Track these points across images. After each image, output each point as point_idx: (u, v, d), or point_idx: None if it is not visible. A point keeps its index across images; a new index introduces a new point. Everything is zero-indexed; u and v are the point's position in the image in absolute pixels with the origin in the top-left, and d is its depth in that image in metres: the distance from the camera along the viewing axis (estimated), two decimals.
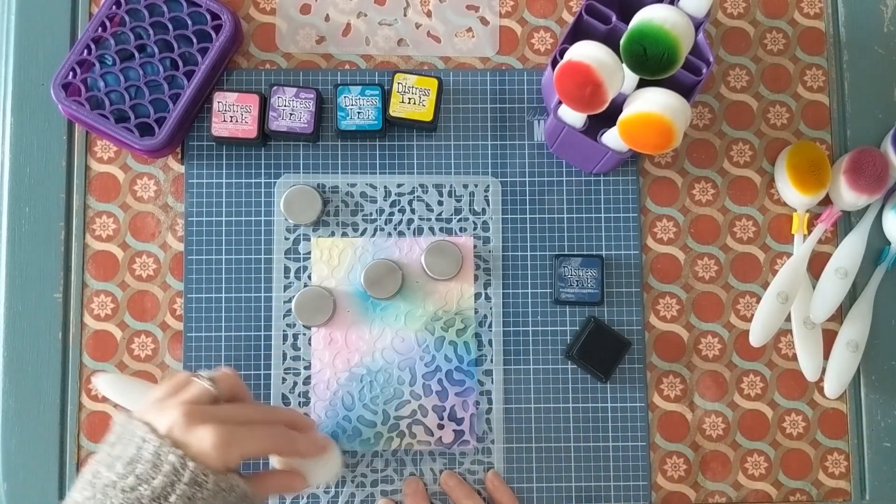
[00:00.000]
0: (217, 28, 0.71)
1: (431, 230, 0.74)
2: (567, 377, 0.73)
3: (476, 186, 0.75)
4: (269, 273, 0.73)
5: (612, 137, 0.66)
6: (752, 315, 0.74)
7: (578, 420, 0.73)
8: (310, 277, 0.73)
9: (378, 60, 0.76)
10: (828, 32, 0.78)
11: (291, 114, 0.72)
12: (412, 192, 0.74)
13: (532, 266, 0.74)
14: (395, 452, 0.72)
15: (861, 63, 0.77)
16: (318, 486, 0.71)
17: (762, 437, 0.74)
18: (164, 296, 0.73)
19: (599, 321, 0.72)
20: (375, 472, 0.72)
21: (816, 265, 0.75)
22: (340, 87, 0.72)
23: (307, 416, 0.66)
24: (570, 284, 0.73)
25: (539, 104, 0.76)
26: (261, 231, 0.74)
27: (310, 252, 0.73)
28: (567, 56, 0.60)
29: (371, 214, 0.74)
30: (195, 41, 0.72)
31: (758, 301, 0.74)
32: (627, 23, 0.61)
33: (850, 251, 0.74)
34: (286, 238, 0.74)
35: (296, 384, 0.72)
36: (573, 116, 0.68)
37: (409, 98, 0.72)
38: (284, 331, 0.73)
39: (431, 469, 0.72)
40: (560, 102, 0.67)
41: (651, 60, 0.59)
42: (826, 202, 0.75)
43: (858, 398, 0.74)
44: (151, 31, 0.71)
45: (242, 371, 0.72)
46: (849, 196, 0.73)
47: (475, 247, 0.74)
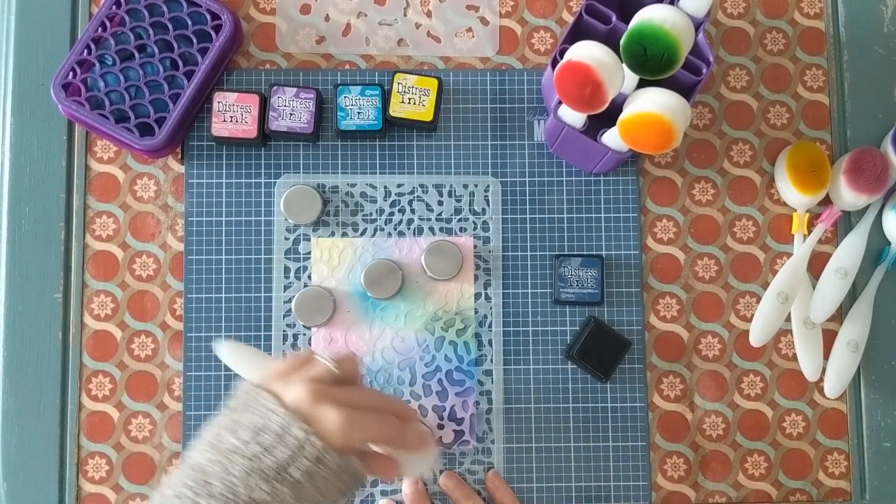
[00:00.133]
0: (217, 28, 0.71)
1: (431, 230, 0.74)
2: (567, 377, 0.73)
3: (476, 186, 0.75)
4: (269, 273, 0.73)
5: (612, 137, 0.66)
6: (752, 315, 0.74)
7: (578, 420, 0.73)
8: (310, 277, 0.73)
9: (378, 60, 0.76)
10: (828, 32, 0.78)
11: (291, 114, 0.72)
12: (412, 192, 0.74)
13: (532, 266, 0.74)
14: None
15: (861, 63, 0.77)
16: (409, 477, 0.71)
17: (762, 437, 0.74)
18: (164, 296, 0.73)
19: (599, 321, 0.72)
20: None
21: (816, 265, 0.75)
22: (340, 87, 0.72)
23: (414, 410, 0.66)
24: (570, 284, 0.73)
25: (539, 104, 0.76)
26: (261, 231, 0.74)
27: (310, 252, 0.73)
28: (567, 56, 0.60)
29: (371, 214, 0.74)
30: (195, 41, 0.72)
31: (758, 301, 0.74)
32: (627, 23, 0.61)
33: (850, 251, 0.74)
34: (286, 238, 0.74)
35: None
36: (573, 116, 0.68)
37: (409, 98, 0.72)
38: (284, 331, 0.73)
39: (431, 469, 0.72)
40: (560, 102, 0.67)
41: (651, 60, 0.59)
42: (826, 202, 0.75)
43: (858, 398, 0.74)
44: (151, 31, 0.71)
45: None
46: (849, 196, 0.73)
47: (475, 247, 0.74)
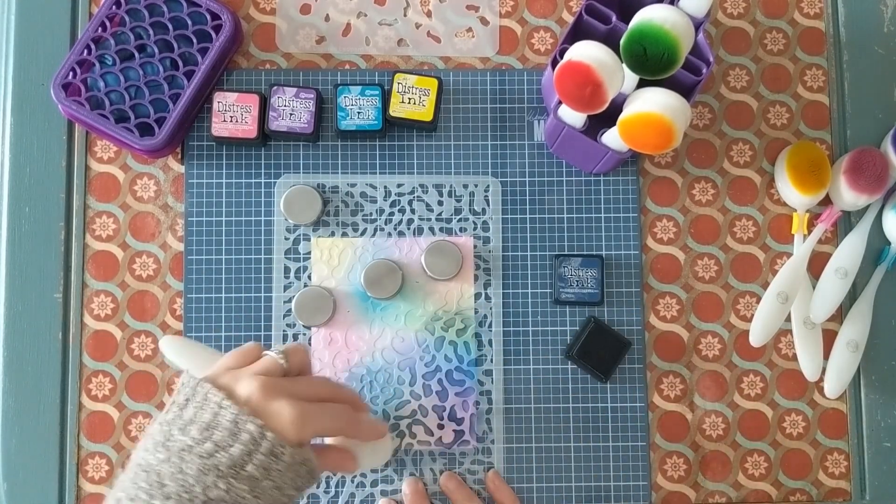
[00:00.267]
0: (217, 28, 0.71)
1: (431, 230, 0.74)
2: (567, 377, 0.73)
3: (476, 186, 0.75)
4: (269, 273, 0.73)
5: (612, 137, 0.66)
6: (752, 315, 0.74)
7: (578, 420, 0.73)
8: (310, 277, 0.73)
9: (378, 60, 0.76)
10: (828, 32, 0.78)
11: (291, 114, 0.72)
12: (412, 192, 0.74)
13: (532, 266, 0.74)
14: (395, 452, 0.72)
15: (861, 63, 0.77)
16: (367, 470, 0.71)
17: (762, 437, 0.74)
18: (164, 296, 0.73)
19: (599, 321, 0.72)
20: (375, 472, 0.71)
21: (816, 265, 0.75)
22: (340, 87, 0.72)
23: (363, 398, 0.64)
24: (570, 284, 0.73)
25: (539, 104, 0.76)
26: (261, 231, 0.74)
27: (310, 252, 0.73)
28: (567, 56, 0.60)
29: (371, 214, 0.74)
30: (195, 41, 0.72)
31: (758, 301, 0.74)
32: (627, 23, 0.61)
33: (850, 251, 0.74)
34: (286, 238, 0.74)
35: None
36: (573, 116, 0.68)
37: (409, 98, 0.72)
38: (284, 331, 0.73)
39: (431, 469, 0.72)
40: (560, 102, 0.67)
41: (651, 60, 0.59)
42: (826, 202, 0.75)
43: (858, 398, 0.74)
44: (151, 31, 0.71)
45: None
46: (849, 196, 0.73)
47: (475, 247, 0.74)
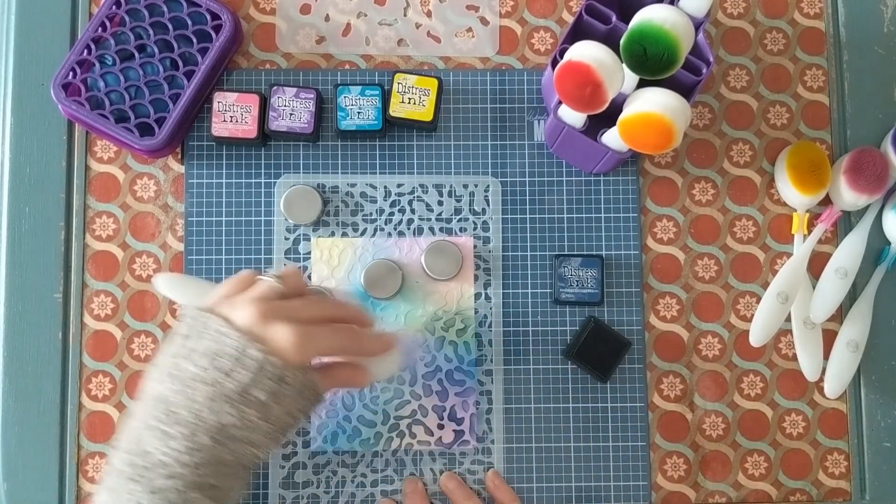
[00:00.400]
0: (217, 28, 0.71)
1: (431, 230, 0.74)
2: (567, 377, 0.73)
3: (476, 186, 0.75)
4: None
5: (612, 137, 0.66)
6: (752, 315, 0.74)
7: (578, 420, 0.73)
8: (310, 277, 0.73)
9: (378, 60, 0.76)
10: (828, 32, 0.78)
11: (291, 114, 0.72)
12: (412, 192, 0.74)
13: (532, 266, 0.74)
14: (395, 452, 0.72)
15: (861, 63, 0.77)
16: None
17: (762, 437, 0.74)
18: (165, 296, 0.73)
19: (599, 321, 0.72)
20: (375, 472, 0.72)
21: (816, 265, 0.75)
22: (340, 87, 0.72)
23: (368, 311, 0.62)
24: (570, 284, 0.73)
25: (539, 104, 0.76)
26: (261, 231, 0.74)
27: (310, 252, 0.73)
28: (567, 56, 0.60)
29: (371, 214, 0.74)
30: (195, 41, 0.72)
31: (758, 301, 0.74)
32: (627, 23, 0.61)
33: (850, 251, 0.74)
34: (286, 238, 0.74)
35: None
36: (573, 116, 0.68)
37: (409, 98, 0.72)
38: None
39: (431, 469, 0.72)
40: (560, 102, 0.67)
41: (651, 60, 0.59)
42: (826, 202, 0.75)
43: (858, 398, 0.74)
44: (151, 31, 0.71)
45: None
46: (849, 196, 0.73)
47: (475, 247, 0.74)
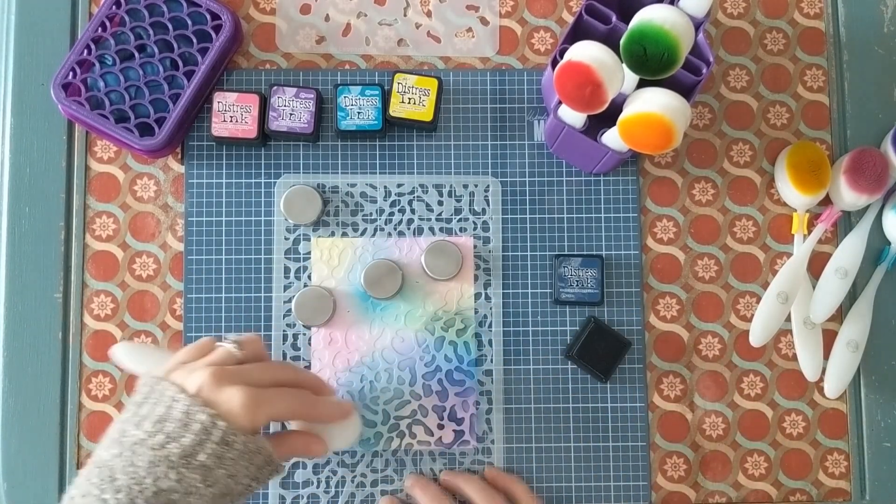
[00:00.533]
0: (217, 28, 0.71)
1: (431, 230, 0.74)
2: (567, 377, 0.73)
3: (476, 186, 0.75)
4: (269, 273, 0.73)
5: (612, 137, 0.66)
6: (752, 315, 0.74)
7: (578, 420, 0.73)
8: (310, 277, 0.73)
9: (378, 60, 0.76)
10: (828, 32, 0.78)
11: (291, 114, 0.72)
12: (412, 192, 0.74)
13: (532, 266, 0.74)
14: (395, 452, 0.72)
15: (861, 63, 0.77)
16: (337, 452, 0.71)
17: (762, 437, 0.74)
18: (164, 296, 0.73)
19: (599, 321, 0.72)
20: (375, 472, 0.72)
21: (816, 265, 0.75)
22: (340, 87, 0.72)
23: (327, 382, 0.64)
24: (570, 284, 0.73)
25: (539, 104, 0.76)
26: (261, 231, 0.74)
27: (310, 252, 0.73)
28: (567, 56, 0.60)
29: (371, 214, 0.74)
30: (195, 41, 0.72)
31: (758, 301, 0.74)
32: (627, 23, 0.61)
33: (850, 251, 0.74)
34: (286, 238, 0.74)
35: None
36: (573, 116, 0.68)
37: (409, 98, 0.72)
38: (284, 331, 0.73)
39: (431, 469, 0.72)
40: (560, 102, 0.67)
41: (651, 60, 0.59)
42: (826, 202, 0.75)
43: (858, 398, 0.74)
44: (151, 31, 0.71)
45: None
46: (849, 196, 0.73)
47: (475, 247, 0.74)
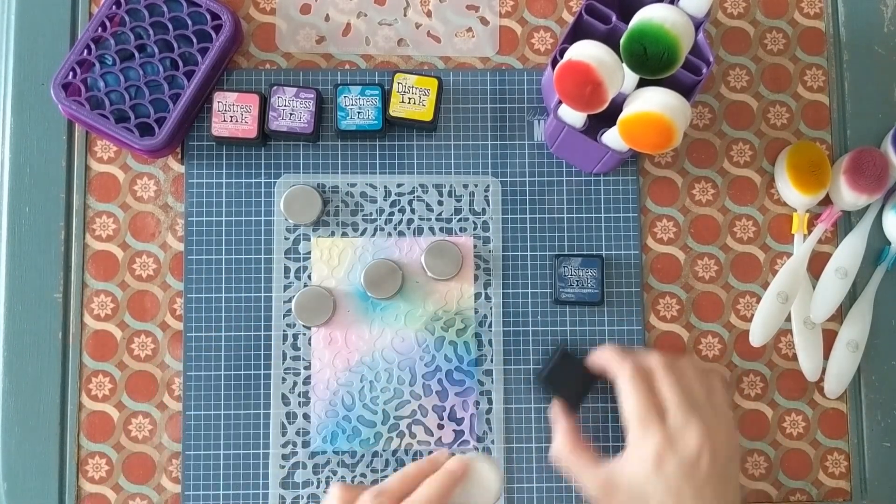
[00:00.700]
0: (217, 28, 0.71)
1: (431, 230, 0.74)
2: None
3: (476, 186, 0.75)
4: (269, 273, 0.73)
5: (612, 137, 0.66)
6: (752, 315, 0.74)
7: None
8: (310, 277, 0.73)
9: (378, 60, 0.76)
10: (828, 32, 0.78)
11: (291, 114, 0.72)
12: (412, 192, 0.74)
13: (532, 266, 0.74)
14: (395, 452, 0.72)
15: (861, 63, 0.77)
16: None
17: (762, 437, 0.74)
18: (164, 296, 0.73)
19: (568, 350, 0.71)
20: (375, 472, 0.72)
21: (816, 265, 0.75)
22: (340, 87, 0.72)
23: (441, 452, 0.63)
24: (570, 284, 0.73)
25: (539, 104, 0.76)
26: (261, 231, 0.74)
27: (310, 252, 0.73)
28: (567, 56, 0.60)
29: (371, 214, 0.74)
30: (195, 41, 0.72)
31: (758, 301, 0.74)
32: (627, 23, 0.61)
33: (850, 251, 0.74)
34: (286, 238, 0.74)
35: (296, 384, 0.72)
36: (573, 116, 0.68)
37: (409, 98, 0.72)
38: (284, 331, 0.73)
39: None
40: (560, 102, 0.67)
41: (651, 60, 0.59)
42: (826, 202, 0.75)
43: (858, 398, 0.74)
44: (151, 31, 0.71)
45: (242, 371, 0.72)
46: (849, 196, 0.73)
47: (475, 247, 0.74)
